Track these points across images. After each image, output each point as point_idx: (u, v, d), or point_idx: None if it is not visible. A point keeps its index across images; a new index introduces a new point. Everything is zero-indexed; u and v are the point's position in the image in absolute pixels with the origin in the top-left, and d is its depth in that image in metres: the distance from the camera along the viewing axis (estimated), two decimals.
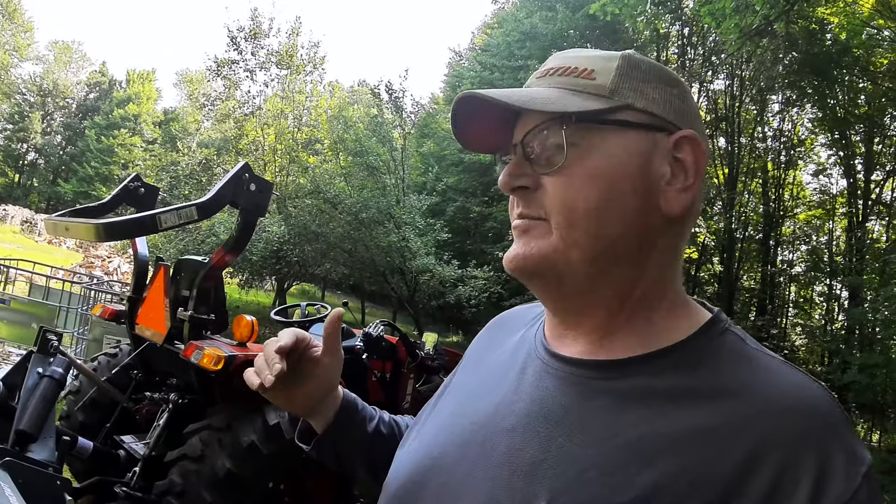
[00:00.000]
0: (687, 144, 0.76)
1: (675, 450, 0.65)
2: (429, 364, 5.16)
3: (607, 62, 0.78)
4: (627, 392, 0.71)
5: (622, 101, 0.75)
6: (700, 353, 0.73)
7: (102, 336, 6.24)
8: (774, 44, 12.51)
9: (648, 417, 0.68)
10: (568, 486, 0.66)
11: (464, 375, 0.98)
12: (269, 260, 16.65)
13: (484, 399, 0.83)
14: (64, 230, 3.02)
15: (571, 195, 0.73)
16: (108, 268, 21.78)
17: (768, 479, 0.61)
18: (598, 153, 0.74)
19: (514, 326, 0.97)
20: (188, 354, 3.24)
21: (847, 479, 0.61)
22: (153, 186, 3.98)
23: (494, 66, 24.27)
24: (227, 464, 3.06)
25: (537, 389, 0.78)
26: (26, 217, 34.76)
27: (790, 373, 0.71)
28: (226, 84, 20.52)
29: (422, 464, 0.81)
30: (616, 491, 0.64)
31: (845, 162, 18.45)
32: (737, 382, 0.69)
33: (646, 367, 0.73)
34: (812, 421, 0.64)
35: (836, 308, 19.94)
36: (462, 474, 0.75)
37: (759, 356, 0.73)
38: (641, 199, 0.74)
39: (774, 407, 0.66)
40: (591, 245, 0.73)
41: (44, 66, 53.06)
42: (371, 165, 16.58)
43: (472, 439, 0.78)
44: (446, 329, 26.16)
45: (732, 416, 0.65)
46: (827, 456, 0.62)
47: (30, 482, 2.19)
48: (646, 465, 0.64)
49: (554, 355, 0.80)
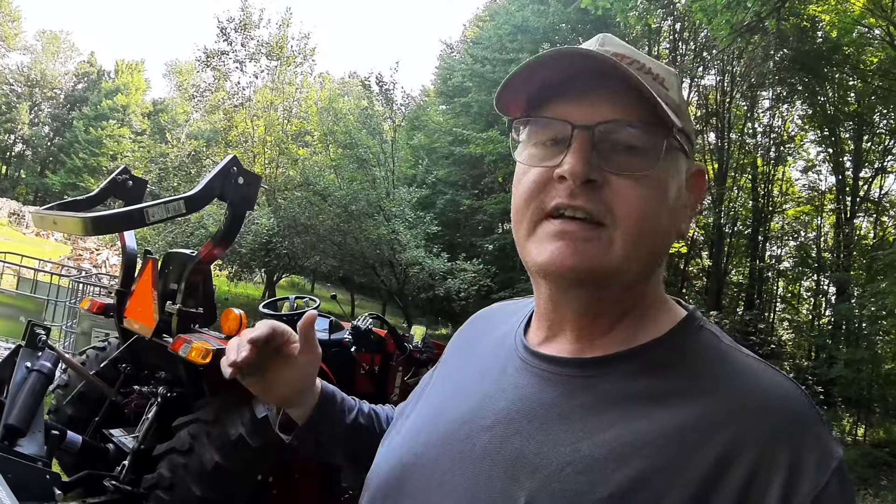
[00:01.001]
0: (699, 176, 0.80)
1: (651, 448, 0.66)
2: (417, 357, 5.18)
3: (670, 74, 0.78)
4: (606, 391, 0.72)
5: (684, 123, 0.76)
6: (676, 351, 0.75)
7: (91, 329, 6.21)
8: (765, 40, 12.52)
9: (626, 416, 0.69)
10: (546, 483, 0.67)
11: (445, 371, 0.99)
12: (258, 252, 16.59)
13: (465, 396, 0.84)
14: (52, 223, 3.01)
15: (648, 207, 0.72)
16: (96, 260, 21.61)
17: (742, 476, 0.62)
18: (666, 170, 0.74)
19: (495, 323, 0.97)
20: (176, 348, 3.24)
21: (818, 475, 0.62)
22: (141, 179, 3.96)
23: (486, 59, 24.18)
24: (216, 457, 3.06)
25: (518, 387, 0.78)
26: (13, 209, 34.39)
27: (764, 371, 0.72)
28: (215, 75, 20.42)
29: (403, 460, 0.82)
30: (593, 487, 0.65)
31: (834, 159, 18.53)
32: (712, 381, 0.70)
33: (624, 366, 0.74)
34: (785, 419, 0.66)
35: (824, 303, 20.05)
36: (443, 471, 0.76)
37: (734, 354, 0.74)
38: (675, 220, 0.77)
39: (748, 405, 0.67)
40: (648, 261, 0.75)
41: (31, 56, 52.44)
42: (361, 158, 16.52)
43: (454, 436, 0.78)
44: (435, 321, 26.15)
45: (707, 414, 0.67)
46: (799, 453, 0.63)
47: (19, 476, 2.19)
48: (622, 463, 0.65)
49: (534, 354, 0.81)
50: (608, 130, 0.72)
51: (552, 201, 0.73)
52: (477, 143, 20.60)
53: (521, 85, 0.76)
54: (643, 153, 0.72)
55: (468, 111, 25.75)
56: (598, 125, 0.71)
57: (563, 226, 0.72)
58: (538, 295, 0.83)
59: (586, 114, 0.72)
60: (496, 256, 22.46)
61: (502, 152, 19.84)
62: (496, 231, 25.09)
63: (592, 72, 0.72)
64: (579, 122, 0.72)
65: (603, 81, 0.72)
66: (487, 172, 24.24)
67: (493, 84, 23.74)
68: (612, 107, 0.72)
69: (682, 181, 0.78)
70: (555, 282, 0.75)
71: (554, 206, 0.73)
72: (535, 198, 0.75)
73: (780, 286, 22.57)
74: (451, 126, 25.24)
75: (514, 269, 22.71)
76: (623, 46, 0.77)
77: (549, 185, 0.73)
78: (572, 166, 0.70)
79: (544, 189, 0.74)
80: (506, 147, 19.09)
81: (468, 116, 25.54)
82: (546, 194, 0.74)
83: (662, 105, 0.70)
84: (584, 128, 0.71)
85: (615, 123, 0.72)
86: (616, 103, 0.72)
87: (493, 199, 23.43)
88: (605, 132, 0.72)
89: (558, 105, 0.75)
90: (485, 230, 25.05)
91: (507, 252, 23.42)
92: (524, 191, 0.76)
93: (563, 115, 0.73)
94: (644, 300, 0.79)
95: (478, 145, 20.59)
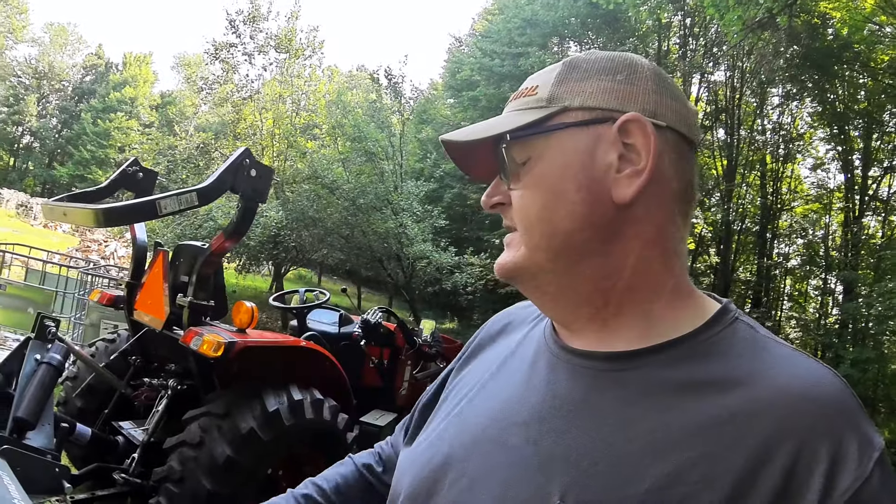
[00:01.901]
0: (634, 127, 0.74)
1: (687, 441, 0.64)
2: (426, 351, 5.19)
3: (549, 74, 0.81)
4: (638, 383, 0.71)
5: (558, 106, 0.77)
6: (710, 343, 0.73)
7: (100, 321, 6.22)
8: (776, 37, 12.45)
9: (660, 409, 0.68)
10: (580, 478, 0.66)
11: (469, 370, 0.97)
12: (266, 245, 16.61)
13: (494, 394, 0.83)
14: (62, 215, 2.99)
15: (525, 204, 0.79)
16: (104, 252, 21.70)
17: (781, 467, 0.61)
18: (542, 162, 0.77)
19: (519, 321, 0.97)
20: (188, 341, 3.23)
21: (859, 466, 0.61)
22: (151, 171, 3.95)
23: (494, 53, 24.14)
24: (226, 450, 3.05)
25: (549, 382, 0.78)
26: (21, 201, 34.55)
27: (802, 360, 0.70)
28: (224, 68, 20.38)
29: (433, 461, 0.81)
30: (628, 482, 0.64)
31: (843, 157, 18.45)
32: (748, 371, 0.69)
33: (657, 357, 0.72)
34: (825, 408, 0.64)
35: (831, 302, 20.02)
36: (475, 470, 0.75)
37: (770, 344, 0.72)
38: (587, 192, 0.74)
39: (787, 395, 0.65)
40: (548, 244, 0.76)
41: (39, 49, 52.57)
42: (369, 151, 16.48)
43: (485, 435, 0.77)
44: (442, 315, 26.25)
45: (745, 405, 0.65)
46: (840, 443, 0.62)
47: (28, 469, 2.18)
48: (658, 457, 0.64)
49: (564, 347, 0.80)
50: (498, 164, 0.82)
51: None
52: None
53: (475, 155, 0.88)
54: (509, 165, 0.80)
55: (476, 105, 25.73)
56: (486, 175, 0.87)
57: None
58: None
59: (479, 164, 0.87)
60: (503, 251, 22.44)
61: None
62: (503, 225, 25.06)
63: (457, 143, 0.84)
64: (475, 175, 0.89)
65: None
66: None
67: (501, 78, 23.72)
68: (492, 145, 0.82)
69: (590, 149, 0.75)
70: (506, 282, 0.86)
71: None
72: None
73: (787, 284, 22.51)
74: (459, 120, 25.23)
75: None
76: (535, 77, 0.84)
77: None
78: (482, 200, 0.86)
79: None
80: None
81: (476, 110, 25.51)
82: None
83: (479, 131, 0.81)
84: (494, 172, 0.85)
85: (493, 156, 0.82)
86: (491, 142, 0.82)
87: None
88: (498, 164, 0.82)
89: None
90: (492, 224, 25.00)
91: None
92: None
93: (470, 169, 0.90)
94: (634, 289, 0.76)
95: None
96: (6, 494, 1.91)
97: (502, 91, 24.24)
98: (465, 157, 0.88)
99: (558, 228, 0.75)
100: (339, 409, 3.62)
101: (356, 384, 4.31)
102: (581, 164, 0.75)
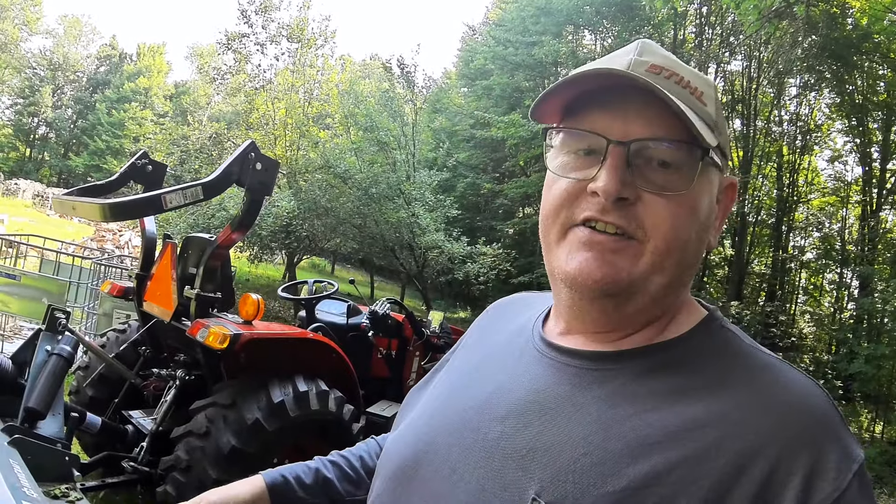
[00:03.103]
0: (731, 191, 0.80)
1: (668, 443, 0.65)
2: (435, 342, 5.20)
3: (708, 87, 0.77)
4: (622, 385, 0.72)
5: (720, 139, 0.75)
6: (696, 348, 0.74)
7: (112, 311, 6.29)
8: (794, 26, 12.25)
9: (642, 410, 0.68)
10: (558, 475, 0.67)
11: (461, 358, 0.98)
12: (278, 234, 16.68)
13: (479, 385, 0.83)
14: (71, 209, 3.03)
15: (679, 224, 0.72)
16: (119, 242, 21.89)
17: (761, 473, 0.61)
18: (699, 188, 0.74)
19: (514, 313, 0.97)
20: (194, 332, 3.26)
21: (838, 477, 0.61)
22: (161, 163, 3.98)
23: (508, 42, 23.99)
24: (232, 440, 3.09)
25: (533, 378, 0.78)
26: (38, 191, 34.87)
27: (786, 370, 0.71)
28: (236, 58, 20.42)
29: (415, 447, 0.82)
30: (606, 481, 0.64)
31: (861, 149, 18.16)
32: (732, 378, 0.69)
33: (642, 360, 0.73)
34: (808, 419, 0.65)
35: (846, 297, 19.81)
36: (454, 460, 0.75)
37: (755, 353, 0.73)
38: (705, 235, 0.77)
39: (770, 403, 0.66)
40: (673, 273, 0.74)
41: (54, 40, 52.81)
42: (382, 141, 16.47)
43: (466, 425, 0.78)
44: (454, 305, 26.28)
45: (727, 411, 0.66)
46: (820, 454, 0.62)
47: (39, 458, 2.22)
48: (638, 457, 0.64)
49: (551, 345, 0.81)
50: (643, 147, 0.72)
51: (583, 214, 0.74)
52: (498, 127, 20.48)
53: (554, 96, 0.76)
54: (678, 171, 0.72)
55: (490, 94, 25.62)
56: (633, 142, 0.71)
57: (593, 236, 0.73)
58: (557, 300, 0.83)
59: (621, 128, 0.72)
60: (516, 241, 22.43)
61: (524, 136, 19.72)
62: (516, 215, 25.03)
63: (628, 85, 0.71)
64: (614, 138, 0.72)
65: (639, 95, 0.71)
66: (509, 156, 24.15)
67: (515, 67, 23.57)
68: (647, 123, 0.72)
69: (714, 195, 0.78)
70: (579, 292, 0.75)
71: (584, 219, 0.73)
72: (565, 207, 0.75)
73: (802, 278, 22.30)
74: (472, 109, 25.15)
75: (534, 254, 22.67)
76: (663, 57, 0.76)
77: (581, 197, 0.74)
78: (605, 184, 0.70)
79: (576, 201, 0.74)
80: (528, 130, 19.00)
81: (490, 99, 25.41)
82: (577, 206, 0.74)
83: (696, 124, 0.69)
84: (619, 144, 0.71)
85: (651, 141, 0.72)
86: (651, 119, 0.72)
87: (514, 182, 23.34)
88: (640, 148, 0.72)
89: (593, 115, 0.74)
90: (505, 214, 25.01)
91: (526, 236, 23.38)
92: (555, 199, 0.76)
93: (599, 127, 0.73)
94: (670, 310, 0.78)
95: (499, 128, 20.47)
96: (16, 482, 1.95)
97: (516, 80, 24.10)
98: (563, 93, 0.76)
99: (689, 260, 0.76)
100: (344, 401, 3.65)
101: (364, 375, 4.34)
102: (710, 206, 0.76)
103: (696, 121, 0.70)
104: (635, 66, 0.73)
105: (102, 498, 3.64)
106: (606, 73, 0.71)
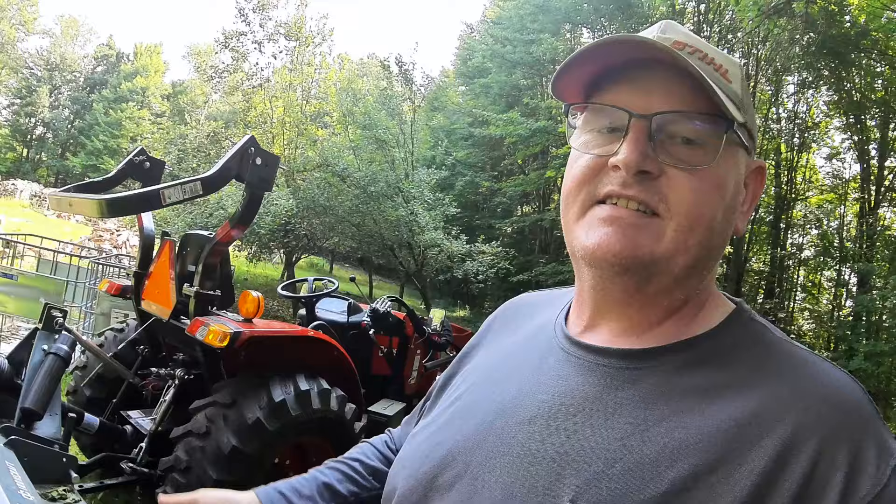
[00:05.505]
0: (759, 174, 0.79)
1: (706, 443, 0.63)
2: (436, 340, 5.17)
3: (733, 66, 0.75)
4: (655, 384, 0.69)
5: (746, 118, 0.73)
6: (727, 344, 0.72)
7: (110, 310, 6.26)
8: (792, 23, 12.26)
9: (677, 411, 0.66)
10: (593, 481, 0.64)
11: (477, 362, 0.95)
12: (277, 233, 16.65)
13: (501, 388, 0.80)
14: (68, 206, 2.98)
15: (703, 201, 0.70)
16: (116, 241, 21.84)
17: (801, 471, 0.60)
18: (724, 165, 0.72)
19: (529, 313, 0.94)
20: (193, 331, 3.22)
21: (878, 472, 0.60)
22: (158, 160, 3.93)
23: (506, 40, 24.03)
24: (232, 440, 3.05)
25: (559, 379, 0.75)
26: (35, 191, 34.87)
27: (820, 363, 0.69)
28: (234, 56, 20.40)
29: (435, 454, 0.78)
30: (645, 486, 0.62)
31: (859, 147, 18.20)
32: (766, 373, 0.67)
33: (673, 358, 0.71)
34: (845, 413, 0.63)
35: (845, 294, 19.84)
36: (478, 465, 0.73)
37: (786, 346, 0.71)
38: (731, 216, 0.75)
39: (806, 397, 0.64)
40: (697, 253, 0.72)
41: (51, 40, 52.80)
42: (380, 139, 16.46)
43: (490, 430, 0.75)
44: (453, 303, 26.30)
45: (764, 407, 0.64)
46: (859, 449, 0.61)
47: (35, 459, 2.17)
48: (676, 460, 0.62)
49: (577, 344, 0.78)
50: (666, 121, 0.70)
51: (604, 189, 0.72)
52: (497, 125, 20.49)
53: (577, 70, 0.74)
54: (702, 146, 0.70)
55: (488, 92, 25.63)
56: (656, 115, 0.69)
57: (614, 211, 0.71)
58: (580, 282, 0.80)
59: (643, 102, 0.71)
60: (515, 239, 22.46)
61: (522, 133, 19.72)
62: (515, 213, 25.05)
63: (650, 58, 0.70)
64: (637, 111, 0.70)
65: (661, 69, 0.70)
66: (507, 154, 24.18)
67: (513, 65, 23.59)
68: (670, 96, 0.70)
69: (741, 177, 0.76)
70: (600, 268, 0.73)
71: (606, 194, 0.71)
72: (587, 183, 0.73)
73: (800, 275, 22.35)
74: (470, 107, 25.19)
75: (533, 252, 22.69)
76: (686, 35, 0.74)
77: (603, 172, 0.72)
78: (626, 156, 0.69)
79: (597, 176, 0.73)
80: (526, 128, 19.00)
81: (488, 97, 25.43)
82: (599, 181, 0.72)
83: (721, 97, 0.68)
84: (642, 117, 0.70)
85: (674, 114, 0.70)
86: (674, 92, 0.70)
87: (513, 180, 23.36)
88: (663, 122, 0.70)
89: (615, 91, 0.73)
90: (504, 212, 25.01)
91: (525, 235, 23.40)
92: (576, 176, 0.74)
93: (621, 102, 0.72)
94: (698, 296, 0.75)
95: (498, 126, 20.48)
96: (13, 485, 1.91)
97: (514, 78, 24.10)
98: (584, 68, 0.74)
99: (714, 241, 0.73)
100: (346, 399, 3.61)
101: (365, 373, 4.30)
102: (736, 187, 0.75)
103: (721, 95, 0.68)
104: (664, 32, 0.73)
105: (101, 499, 3.61)
106: (631, 40, 0.69)
